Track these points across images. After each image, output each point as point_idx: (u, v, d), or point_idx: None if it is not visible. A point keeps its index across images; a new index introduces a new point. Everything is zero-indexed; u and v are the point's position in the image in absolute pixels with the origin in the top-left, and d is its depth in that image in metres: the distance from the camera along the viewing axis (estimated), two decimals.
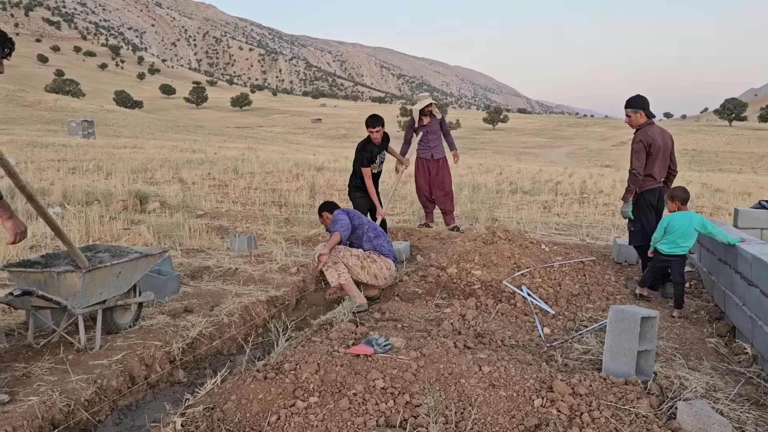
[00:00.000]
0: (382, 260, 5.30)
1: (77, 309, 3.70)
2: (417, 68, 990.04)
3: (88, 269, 3.69)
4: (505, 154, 74.24)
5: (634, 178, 5.47)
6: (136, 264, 4.17)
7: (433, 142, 8.44)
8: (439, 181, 8.46)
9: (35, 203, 3.15)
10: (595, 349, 4.13)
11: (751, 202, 15.21)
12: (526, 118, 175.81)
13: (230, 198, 11.58)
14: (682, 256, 5.12)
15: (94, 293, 3.81)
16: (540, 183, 19.53)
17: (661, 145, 5.48)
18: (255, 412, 2.86)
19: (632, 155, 5.47)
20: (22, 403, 3.12)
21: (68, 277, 3.69)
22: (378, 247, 5.38)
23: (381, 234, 5.49)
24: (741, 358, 4.22)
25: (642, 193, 5.55)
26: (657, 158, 5.47)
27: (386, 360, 3.21)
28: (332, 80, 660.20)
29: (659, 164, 5.51)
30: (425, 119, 8.44)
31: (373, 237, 5.39)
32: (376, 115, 6.93)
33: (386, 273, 5.31)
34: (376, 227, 5.53)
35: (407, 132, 8.50)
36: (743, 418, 3.25)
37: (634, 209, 5.59)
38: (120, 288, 4.07)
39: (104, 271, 3.84)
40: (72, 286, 3.69)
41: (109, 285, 3.94)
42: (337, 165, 23.78)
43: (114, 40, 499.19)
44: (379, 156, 6.91)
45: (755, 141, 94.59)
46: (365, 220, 5.55)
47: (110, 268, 3.89)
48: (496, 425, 2.87)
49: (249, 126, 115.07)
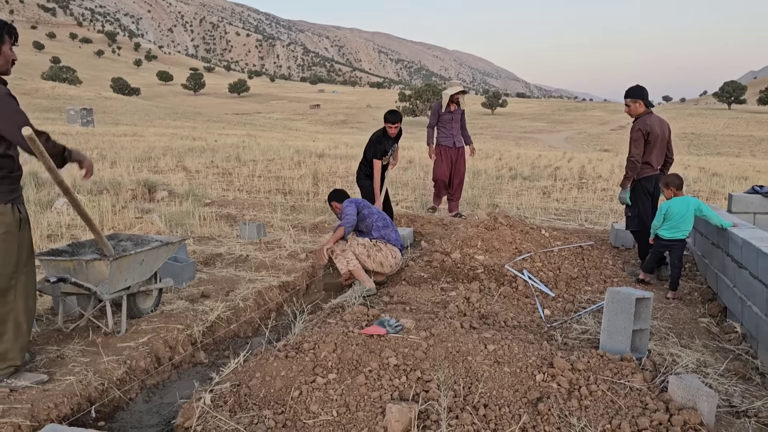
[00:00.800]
0: (388, 249, 5.52)
1: (105, 295, 3.92)
2: (415, 53, 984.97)
3: (115, 257, 3.90)
4: (504, 139, 74.26)
5: (632, 165, 5.67)
6: (157, 252, 4.40)
7: (455, 130, 8.56)
8: (457, 169, 8.61)
9: (71, 196, 3.36)
10: (593, 329, 4.37)
11: (748, 186, 15.43)
12: (524, 102, 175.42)
13: (235, 186, 11.78)
14: (682, 240, 5.34)
15: (120, 280, 4.04)
16: (539, 168, 19.72)
17: (659, 133, 5.69)
18: (278, 387, 3.10)
19: (631, 143, 5.67)
20: (59, 383, 3.35)
21: (96, 265, 3.91)
22: (385, 237, 5.59)
23: (389, 224, 5.70)
24: (731, 336, 4.47)
25: (640, 180, 5.76)
26: (655, 146, 5.68)
27: (398, 339, 3.44)
28: (330, 66, 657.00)
29: (657, 152, 5.72)
30: (452, 106, 8.51)
31: (381, 227, 5.59)
32: (395, 111, 7.18)
33: (392, 261, 5.53)
34: (384, 217, 5.73)
35: (432, 117, 8.61)
36: (730, 390, 3.50)
37: (632, 195, 5.81)
38: (143, 275, 4.29)
39: (129, 258, 4.06)
40: (100, 273, 3.91)
41: (133, 272, 4.16)
42: (337, 152, 23.94)
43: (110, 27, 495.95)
44: (390, 149, 7.13)
45: (754, 124, 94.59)
46: (374, 210, 5.75)
47: (134, 256, 4.11)
48: (501, 398, 3.10)
49: (247, 112, 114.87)
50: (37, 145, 2.87)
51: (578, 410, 3.03)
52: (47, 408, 3.09)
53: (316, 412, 2.93)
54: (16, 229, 3.26)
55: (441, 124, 8.57)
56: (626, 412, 3.01)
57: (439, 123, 8.58)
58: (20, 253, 3.28)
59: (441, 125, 8.58)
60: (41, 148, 2.91)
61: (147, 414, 3.47)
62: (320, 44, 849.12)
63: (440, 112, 8.51)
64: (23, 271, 3.30)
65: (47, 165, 3.00)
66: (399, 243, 5.68)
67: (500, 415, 2.99)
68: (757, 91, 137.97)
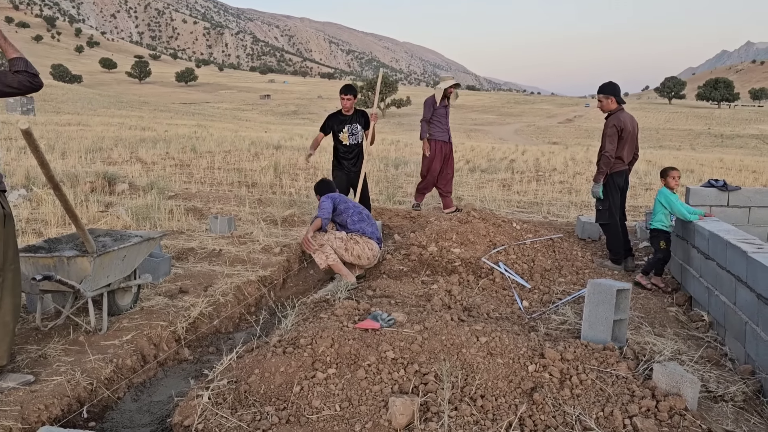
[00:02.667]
0: (364, 241, 5.54)
1: (88, 292, 3.82)
2: (366, 44, 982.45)
3: (98, 254, 3.80)
4: (455, 131, 74.84)
5: (607, 160, 5.83)
6: (138, 248, 4.30)
7: (448, 125, 8.44)
8: (449, 164, 8.49)
9: (59, 192, 3.25)
10: (571, 319, 4.51)
11: (695, 179, 16.09)
12: (475, 95, 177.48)
13: (195, 178, 11.56)
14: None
15: (102, 277, 3.94)
16: (495, 161, 20.05)
17: (631, 130, 5.88)
18: (278, 383, 3.09)
19: (605, 139, 5.83)
20: (47, 383, 3.25)
21: (79, 261, 3.80)
22: (361, 230, 5.60)
23: (365, 218, 5.71)
24: (698, 324, 4.69)
25: (612, 175, 5.94)
26: (626, 142, 5.87)
27: (393, 333, 3.48)
28: (280, 55, 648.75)
29: (628, 148, 5.92)
30: (446, 100, 8.31)
31: (357, 220, 5.60)
32: (349, 84, 7.26)
33: (369, 253, 5.54)
34: (360, 211, 5.73)
35: (426, 111, 8.30)
36: (706, 377, 3.68)
37: (604, 189, 5.98)
38: (124, 271, 4.20)
39: (112, 255, 3.97)
40: (82, 270, 3.81)
41: (115, 268, 4.07)
42: (293, 143, 23.75)
43: (49, 11, 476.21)
44: (349, 126, 7.10)
45: (693, 118, 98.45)
46: (351, 204, 5.75)
47: (117, 252, 4.02)
48: (496, 389, 3.18)
49: (195, 102, 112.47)
50: (32, 140, 2.78)
51: (571, 399, 3.14)
52: (38, 410, 3.00)
53: (319, 406, 2.94)
54: (1, 225, 3.14)
55: (435, 118, 8.32)
56: (616, 400, 3.13)
57: (434, 117, 8.32)
58: (6, 249, 3.16)
59: (435, 119, 8.33)
60: (36, 143, 2.81)
61: (138, 413, 3.41)
62: (270, 33, 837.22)
63: (435, 106, 8.27)
64: (9, 268, 3.19)
65: (40, 160, 2.90)
66: (375, 236, 5.70)
67: (497, 406, 3.07)
68: (696, 86, 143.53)
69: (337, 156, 7.27)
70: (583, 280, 5.50)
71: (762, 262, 3.65)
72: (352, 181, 7.18)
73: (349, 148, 7.18)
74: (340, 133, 7.08)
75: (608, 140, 5.79)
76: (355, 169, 7.19)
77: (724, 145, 64.07)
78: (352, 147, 7.19)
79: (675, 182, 5.55)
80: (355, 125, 7.13)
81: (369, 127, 7.17)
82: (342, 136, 7.08)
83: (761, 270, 3.65)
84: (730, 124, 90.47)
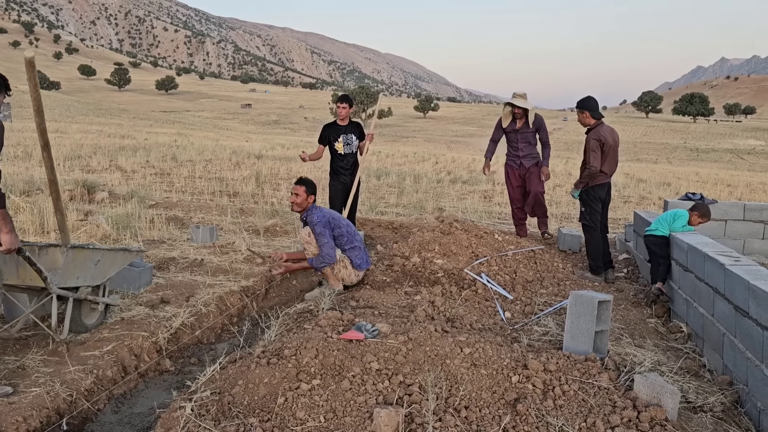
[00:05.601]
0: (351, 269, 5.45)
1: (53, 286, 3.70)
2: (348, 55, 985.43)
3: (72, 246, 3.73)
4: (436, 142, 75.46)
5: (591, 174, 5.90)
6: (114, 256, 4.22)
7: (523, 151, 7.48)
8: (529, 184, 7.51)
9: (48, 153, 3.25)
10: (553, 330, 4.54)
11: (671, 191, 16.36)
12: (455, 106, 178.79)
13: (176, 187, 11.48)
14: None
15: (71, 275, 3.83)
16: (476, 172, 20.18)
17: (612, 143, 5.97)
18: (262, 395, 3.07)
19: (589, 153, 5.90)
20: (25, 395, 3.20)
21: (50, 251, 3.71)
22: (350, 257, 5.41)
23: (357, 247, 5.48)
24: (677, 336, 4.76)
25: (593, 187, 6.02)
26: (608, 156, 5.96)
27: (378, 344, 3.48)
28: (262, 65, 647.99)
29: (609, 161, 6.00)
30: (519, 122, 7.41)
31: (348, 249, 5.42)
32: (346, 94, 7.45)
33: (353, 278, 5.44)
34: (353, 239, 5.47)
35: (495, 132, 7.65)
36: (685, 387, 3.73)
37: (585, 200, 6.07)
38: (95, 278, 4.08)
39: (85, 253, 3.88)
40: (53, 262, 3.70)
41: (86, 271, 3.95)
42: (274, 153, 23.71)
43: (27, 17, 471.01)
44: (344, 136, 7.18)
45: (669, 132, 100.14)
46: (344, 230, 5.44)
47: (91, 253, 3.93)
48: (480, 400, 3.20)
49: (176, 110, 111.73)
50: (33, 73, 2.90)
51: (554, 410, 3.16)
52: (16, 422, 2.94)
53: (303, 418, 2.92)
54: None
55: (508, 140, 7.55)
56: (598, 411, 3.16)
57: (507, 139, 7.56)
58: None
59: (508, 142, 7.56)
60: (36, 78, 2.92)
61: (118, 425, 3.37)
62: (252, 43, 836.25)
63: (502, 126, 7.54)
64: None
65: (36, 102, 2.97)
66: (363, 265, 5.50)
67: (481, 417, 3.08)
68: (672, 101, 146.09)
69: (333, 167, 7.34)
70: (565, 292, 5.55)
71: (739, 275, 3.72)
72: (347, 191, 7.20)
73: (344, 158, 7.26)
74: (336, 142, 7.18)
75: (592, 156, 5.87)
76: (351, 178, 7.25)
77: (699, 159, 65.25)
78: (347, 156, 7.26)
79: (697, 223, 5.55)
80: (350, 135, 7.23)
81: (363, 139, 7.29)
82: (337, 146, 7.18)
83: (738, 282, 3.72)
84: (705, 139, 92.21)
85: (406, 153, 31.93)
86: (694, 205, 5.62)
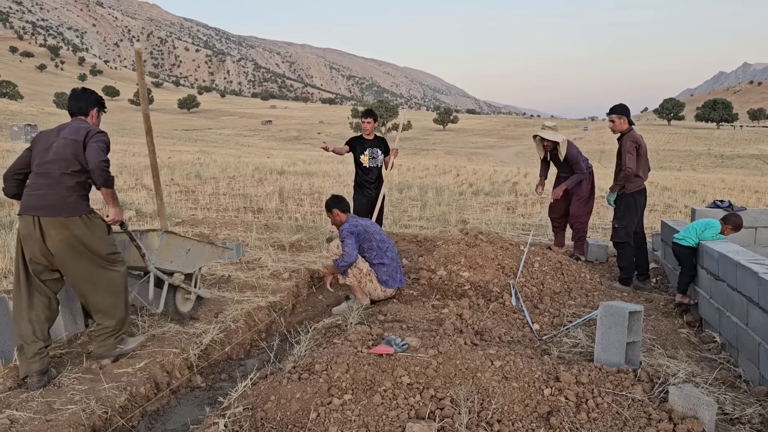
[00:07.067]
0: (376, 283, 5.41)
1: (150, 264, 4.31)
2: (366, 69, 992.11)
3: (166, 230, 4.43)
4: (456, 154, 75.40)
5: (626, 176, 5.86)
6: (202, 248, 4.87)
7: (564, 172, 7.49)
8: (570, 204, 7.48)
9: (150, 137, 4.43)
10: (583, 342, 4.50)
11: (697, 199, 16.13)
12: (475, 118, 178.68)
13: (201, 204, 11.61)
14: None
15: (165, 258, 4.46)
16: (498, 184, 20.13)
17: (646, 148, 5.98)
18: (294, 410, 3.08)
19: (626, 156, 5.86)
20: (62, 412, 3.25)
21: (149, 236, 4.38)
22: (377, 272, 5.38)
23: (385, 264, 5.41)
24: (710, 346, 4.67)
25: (633, 195, 5.98)
26: (643, 158, 5.96)
27: (408, 358, 3.48)
28: (281, 81, 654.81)
29: (644, 165, 5.99)
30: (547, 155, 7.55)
31: (376, 264, 5.39)
32: (370, 108, 7.62)
33: (380, 294, 5.41)
34: (383, 255, 5.43)
35: (542, 165, 7.76)
36: (721, 399, 3.66)
37: (623, 208, 6.00)
38: (186, 266, 4.74)
39: (178, 239, 4.56)
40: (150, 245, 4.35)
41: (178, 257, 4.59)
42: (296, 168, 23.88)
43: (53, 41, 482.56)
44: (369, 150, 7.25)
45: (692, 139, 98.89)
46: (375, 244, 5.41)
47: (183, 240, 4.62)
48: (512, 414, 3.17)
49: (197, 128, 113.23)
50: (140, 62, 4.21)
51: (588, 423, 3.13)
52: None
53: None
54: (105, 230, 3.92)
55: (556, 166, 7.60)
56: (633, 424, 3.12)
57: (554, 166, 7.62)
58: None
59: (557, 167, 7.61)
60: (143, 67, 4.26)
61: None
62: (271, 60, 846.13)
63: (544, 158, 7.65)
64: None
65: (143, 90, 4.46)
66: (390, 282, 5.43)
67: (514, 430, 3.06)
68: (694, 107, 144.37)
69: (358, 181, 7.38)
70: (593, 303, 5.49)
71: None
72: (372, 205, 7.24)
73: (370, 172, 7.31)
74: (362, 155, 7.23)
75: (628, 157, 5.85)
76: (376, 192, 7.29)
77: (724, 166, 64.27)
78: (372, 170, 7.32)
79: (728, 233, 5.48)
80: (376, 149, 7.29)
81: (388, 154, 7.37)
82: (363, 158, 7.24)
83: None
84: (729, 145, 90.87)
85: (427, 166, 31.96)
86: (727, 215, 5.53)
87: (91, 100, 4.06)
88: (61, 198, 3.68)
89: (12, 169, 3.89)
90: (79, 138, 3.75)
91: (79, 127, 3.84)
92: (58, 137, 3.79)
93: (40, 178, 3.73)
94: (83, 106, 4.01)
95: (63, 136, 3.79)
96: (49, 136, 3.85)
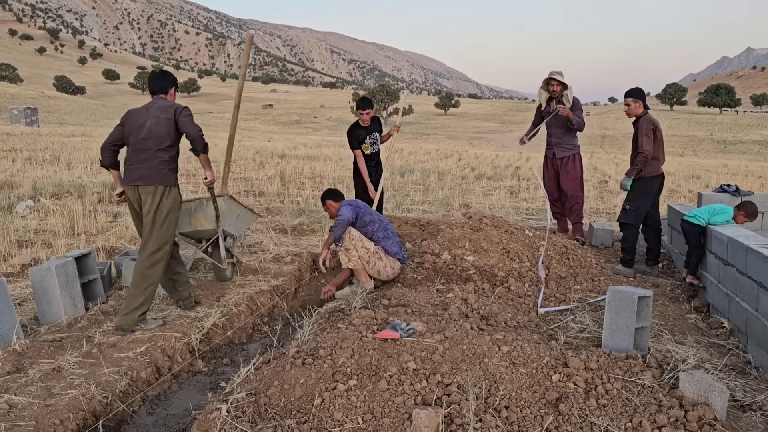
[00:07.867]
0: (388, 259, 5.38)
1: (220, 228, 5.07)
2: (368, 53, 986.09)
3: (229, 195, 5.13)
4: (458, 139, 75.04)
5: (644, 159, 5.77)
6: (247, 213, 5.59)
7: (556, 137, 7.06)
8: (568, 185, 7.12)
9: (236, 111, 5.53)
10: (590, 327, 4.44)
11: (701, 184, 16.02)
12: (476, 103, 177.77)
13: (202, 188, 11.50)
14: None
15: (227, 221, 5.14)
16: (500, 168, 19.99)
17: (661, 131, 5.89)
18: (298, 396, 3.02)
19: (642, 138, 5.75)
20: (61, 397, 3.19)
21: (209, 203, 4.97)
22: (385, 247, 5.40)
23: (390, 235, 5.50)
24: (718, 332, 4.60)
25: (649, 179, 5.88)
26: (660, 142, 5.87)
27: (414, 343, 3.41)
28: (282, 65, 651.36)
29: (661, 148, 5.91)
30: (552, 103, 6.94)
31: (381, 238, 5.39)
32: (366, 98, 7.24)
33: (389, 271, 5.40)
34: (386, 227, 5.50)
35: (535, 119, 7.28)
36: (732, 385, 3.60)
37: (637, 192, 5.90)
38: (236, 230, 5.44)
39: (234, 204, 5.27)
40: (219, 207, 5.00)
41: (232, 221, 5.22)
42: (297, 152, 23.74)
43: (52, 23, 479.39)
44: (369, 137, 7.13)
45: (695, 125, 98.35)
46: (376, 218, 5.49)
47: (237, 206, 5.32)
48: (521, 400, 3.11)
49: (198, 112, 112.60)
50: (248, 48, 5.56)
51: (598, 409, 3.06)
52: (53, 424, 2.94)
53: (341, 419, 2.87)
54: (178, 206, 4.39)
55: (546, 127, 7.06)
56: (644, 410, 3.06)
57: (546, 126, 7.06)
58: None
59: (547, 129, 7.08)
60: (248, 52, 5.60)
61: (153, 427, 3.35)
62: (272, 43, 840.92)
63: (540, 109, 7.11)
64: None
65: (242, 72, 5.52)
66: (399, 254, 5.50)
67: (522, 417, 3.00)
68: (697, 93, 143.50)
69: (359, 165, 7.24)
70: (599, 287, 5.43)
71: None
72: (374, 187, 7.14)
73: (371, 157, 7.22)
74: (363, 144, 7.11)
75: (645, 140, 5.74)
76: (376, 176, 7.18)
77: (726, 151, 63.99)
78: (373, 155, 7.24)
79: (742, 221, 5.41)
80: (374, 134, 7.20)
81: (382, 132, 7.25)
82: (364, 147, 7.13)
83: None
84: (732, 130, 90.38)
85: (429, 150, 31.78)
86: (743, 202, 5.47)
87: (169, 80, 4.53)
88: (156, 170, 4.21)
89: (108, 142, 4.36)
90: (170, 116, 4.24)
91: (166, 105, 4.31)
92: (149, 116, 4.25)
93: (137, 153, 4.23)
94: (164, 85, 4.47)
95: (154, 114, 4.25)
96: (140, 114, 4.30)
